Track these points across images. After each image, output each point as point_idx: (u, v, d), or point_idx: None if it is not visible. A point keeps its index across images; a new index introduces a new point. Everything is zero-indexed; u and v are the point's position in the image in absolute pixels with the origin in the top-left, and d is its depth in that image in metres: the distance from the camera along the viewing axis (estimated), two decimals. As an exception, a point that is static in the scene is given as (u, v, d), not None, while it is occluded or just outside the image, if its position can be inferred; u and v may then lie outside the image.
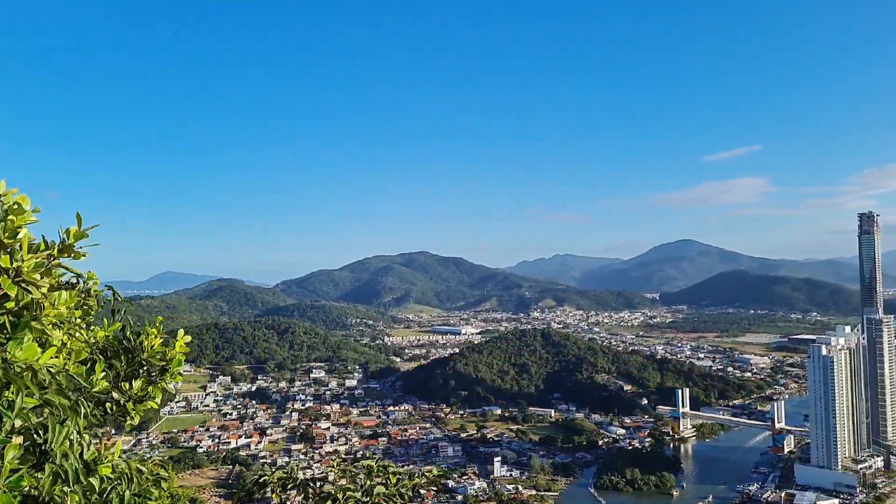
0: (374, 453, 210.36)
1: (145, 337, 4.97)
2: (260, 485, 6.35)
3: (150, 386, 5.04)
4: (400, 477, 6.30)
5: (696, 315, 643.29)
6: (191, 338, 5.21)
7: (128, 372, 4.90)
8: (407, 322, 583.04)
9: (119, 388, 4.83)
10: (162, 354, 5.01)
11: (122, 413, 4.77)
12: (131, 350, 4.88)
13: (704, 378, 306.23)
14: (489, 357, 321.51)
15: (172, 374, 5.14)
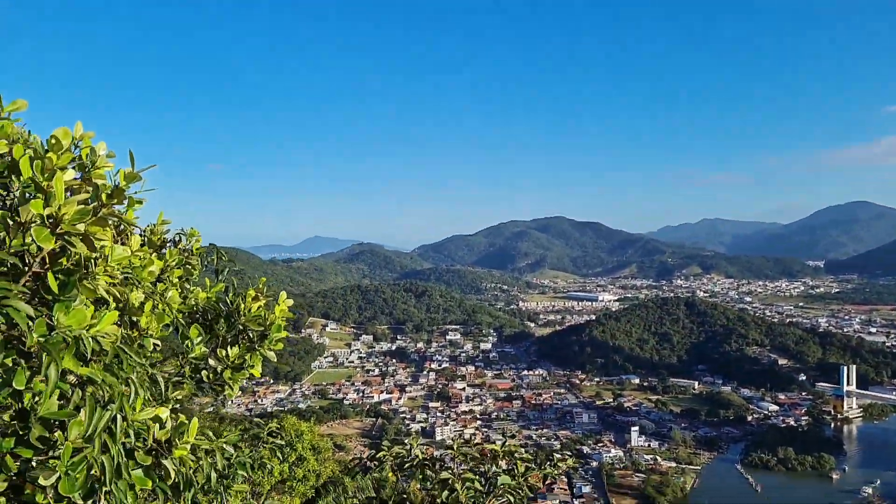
0: (508, 415, 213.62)
1: (242, 300, 4.51)
2: (377, 461, 5.88)
3: (249, 353, 4.60)
4: (529, 466, 5.54)
5: (868, 285, 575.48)
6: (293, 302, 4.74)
7: (228, 338, 4.51)
8: (542, 288, 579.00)
9: (216, 354, 4.46)
10: (261, 319, 4.54)
11: (219, 382, 4.37)
12: (230, 314, 4.45)
13: (876, 355, 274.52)
14: (627, 325, 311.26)
15: (272, 340, 4.66)
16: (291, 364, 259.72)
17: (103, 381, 2.68)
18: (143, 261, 3.58)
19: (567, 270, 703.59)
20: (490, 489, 5.14)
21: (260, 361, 4.56)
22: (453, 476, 5.22)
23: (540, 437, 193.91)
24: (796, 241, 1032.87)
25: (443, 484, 5.17)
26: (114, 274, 3.08)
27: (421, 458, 5.71)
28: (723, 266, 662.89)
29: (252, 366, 4.51)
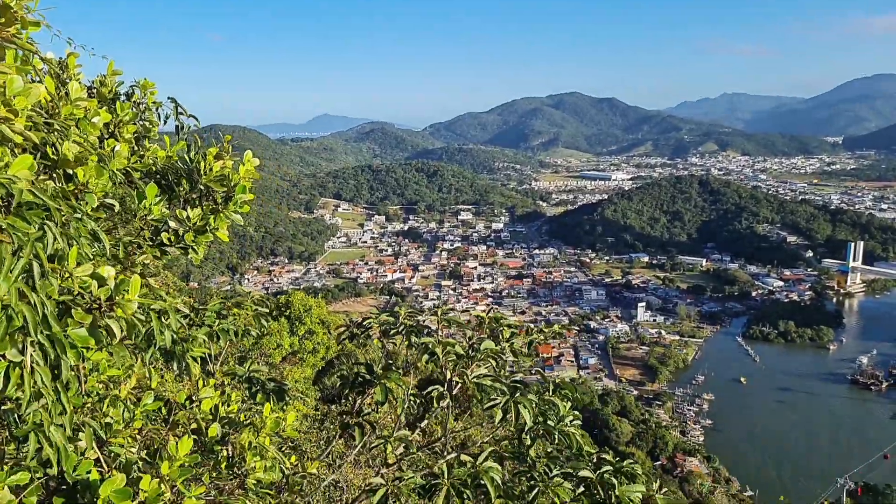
0: (519, 293, 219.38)
1: (201, 158, 4.20)
2: (363, 328, 5.81)
3: (213, 215, 4.33)
4: (514, 331, 5.44)
5: (884, 161, 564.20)
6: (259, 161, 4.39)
7: (190, 199, 4.21)
8: (555, 167, 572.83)
9: (176, 216, 4.23)
10: (224, 179, 4.25)
11: (182, 246, 4.16)
12: (191, 173, 4.17)
13: (884, 231, 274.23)
14: (639, 204, 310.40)
15: (237, 202, 4.34)
16: (305, 244, 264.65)
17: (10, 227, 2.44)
18: (88, 112, 3.33)
19: (581, 149, 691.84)
20: (472, 354, 5.06)
21: (226, 224, 4.27)
22: (433, 341, 5.14)
23: (549, 314, 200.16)
24: (816, 116, 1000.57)
25: (423, 348, 5.10)
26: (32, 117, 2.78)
27: (408, 325, 5.63)
28: (739, 143, 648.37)
29: (217, 228, 4.22)
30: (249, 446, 4.50)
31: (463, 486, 4.31)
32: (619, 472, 4.37)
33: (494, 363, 5.08)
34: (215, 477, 4.48)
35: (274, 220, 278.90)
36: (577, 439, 4.81)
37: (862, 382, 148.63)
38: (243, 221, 4.30)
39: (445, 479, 4.36)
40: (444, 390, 5.10)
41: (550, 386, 4.97)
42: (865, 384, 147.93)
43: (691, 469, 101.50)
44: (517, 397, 4.67)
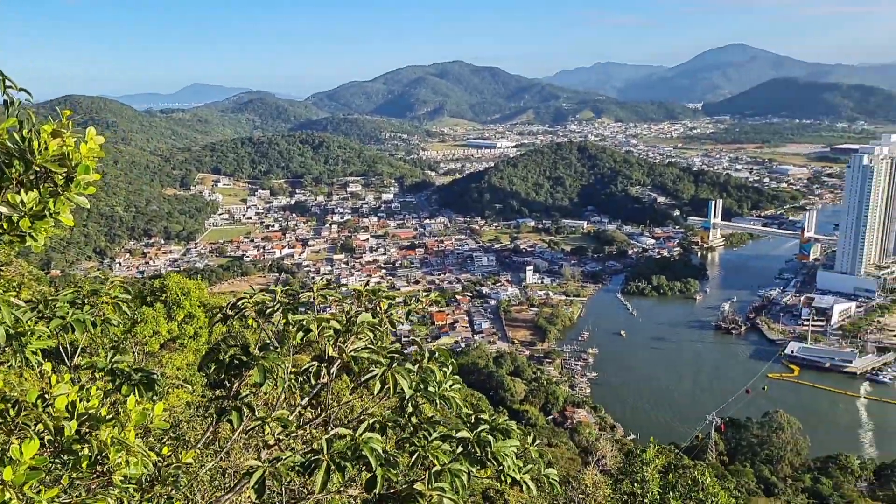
0: (412, 262, 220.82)
1: (34, 136, 3.90)
2: (237, 308, 5.59)
3: (52, 199, 3.98)
4: (392, 303, 5.45)
5: (738, 126, 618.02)
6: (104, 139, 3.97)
7: (25, 181, 3.92)
8: (441, 136, 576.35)
9: (8, 201, 3.86)
10: (63, 159, 3.94)
11: (17, 233, 3.93)
12: (23, 153, 3.94)
13: (739, 189, 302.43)
14: (524, 171, 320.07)
15: (80, 184, 4.01)
16: (183, 223, 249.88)
17: None
18: None
19: (466, 118, 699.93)
20: (350, 327, 5.03)
21: (68, 209, 3.98)
22: (308, 318, 5.05)
23: (442, 282, 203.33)
24: (679, 83, 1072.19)
25: (298, 325, 5.01)
26: None
27: (284, 304, 5.48)
28: (613, 110, 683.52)
29: (58, 213, 3.98)
30: (112, 442, 4.24)
31: (343, 460, 4.32)
32: (496, 430, 4.55)
33: (372, 335, 5.07)
34: (76, 477, 4.26)
35: (146, 198, 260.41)
36: (457, 402, 4.94)
37: (724, 328, 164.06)
38: (88, 204, 4.06)
39: (325, 454, 4.34)
40: (323, 366, 5.04)
41: (426, 354, 5.05)
42: (727, 329, 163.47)
43: (580, 420, 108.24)
44: (395, 367, 4.71)
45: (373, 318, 5.12)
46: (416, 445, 4.52)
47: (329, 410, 5.66)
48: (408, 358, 4.87)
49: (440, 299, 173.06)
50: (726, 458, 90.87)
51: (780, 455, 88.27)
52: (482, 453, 4.40)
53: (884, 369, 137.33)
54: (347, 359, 4.86)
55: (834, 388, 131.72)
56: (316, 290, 5.38)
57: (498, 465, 4.48)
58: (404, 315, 5.71)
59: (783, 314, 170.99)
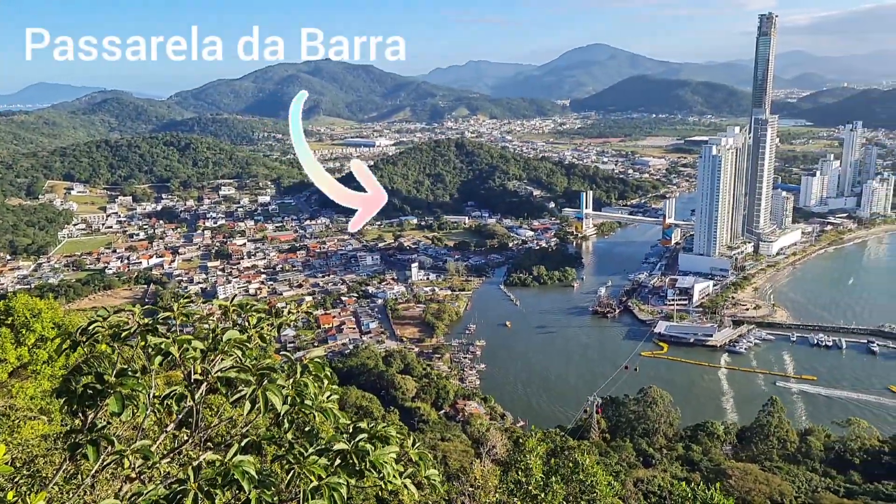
0: (294, 266, 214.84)
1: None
2: (87, 333, 5.10)
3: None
4: (261, 317, 5.21)
5: (602, 121, 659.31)
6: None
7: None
8: (318, 135, 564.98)
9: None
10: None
11: None
12: None
13: (607, 181, 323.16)
14: (404, 168, 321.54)
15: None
16: (32, 235, 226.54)
17: None
18: None
19: (343, 116, 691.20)
20: (216, 346, 4.75)
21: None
22: (168, 340, 4.71)
23: (327, 284, 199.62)
24: (547, 81, 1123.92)
25: (156, 349, 4.66)
26: None
27: (141, 325, 5.07)
28: (487, 107, 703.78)
29: None
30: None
31: (213, 487, 4.15)
32: (374, 438, 4.49)
33: (241, 353, 4.82)
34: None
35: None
36: (335, 413, 4.81)
37: (601, 312, 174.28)
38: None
39: (192, 482, 4.17)
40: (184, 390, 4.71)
41: (298, 368, 4.87)
42: (603, 313, 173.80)
43: (471, 412, 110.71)
44: (266, 385, 4.51)
45: (241, 335, 4.86)
46: (290, 463, 4.35)
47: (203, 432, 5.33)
48: (279, 372, 4.68)
49: (310, 309, 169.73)
50: (608, 436, 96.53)
51: (655, 428, 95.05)
52: (360, 463, 4.31)
53: (739, 341, 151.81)
54: (213, 380, 4.58)
55: (698, 361, 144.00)
56: (177, 309, 5.03)
57: (378, 473, 4.42)
58: (276, 329, 5.47)
59: (651, 296, 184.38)
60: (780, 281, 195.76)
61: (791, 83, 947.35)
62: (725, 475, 71.09)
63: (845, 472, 79.96)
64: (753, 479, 70.34)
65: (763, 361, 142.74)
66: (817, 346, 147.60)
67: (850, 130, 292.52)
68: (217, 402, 7.34)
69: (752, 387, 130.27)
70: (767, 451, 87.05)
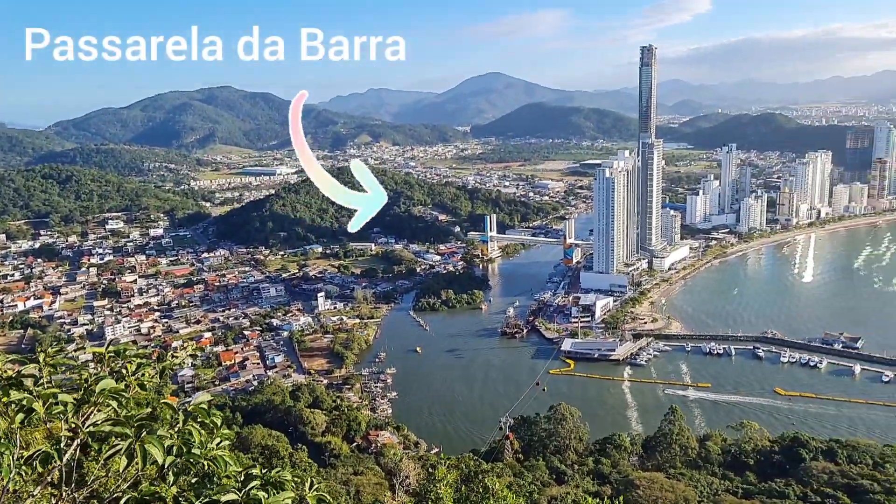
0: (191, 301, 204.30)
1: None
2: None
3: None
4: (142, 362, 4.64)
5: (503, 146, 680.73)
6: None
7: None
8: (215, 164, 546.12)
9: None
10: None
11: None
12: None
13: (509, 204, 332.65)
14: (307, 196, 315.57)
15: None
16: None
17: None
18: None
19: (240, 145, 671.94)
20: (89, 398, 4.22)
21: None
22: (29, 396, 4.25)
23: (227, 318, 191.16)
24: (448, 108, 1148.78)
25: (18, 406, 4.23)
26: None
27: (3, 378, 4.46)
28: (390, 134, 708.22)
29: None
30: None
31: None
32: (268, 484, 4.25)
33: (117, 403, 4.23)
34: None
35: None
36: (226, 461, 4.32)
37: (509, 333, 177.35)
38: None
39: None
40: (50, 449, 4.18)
41: (181, 417, 4.34)
42: (512, 334, 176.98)
43: (384, 442, 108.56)
44: (144, 437, 4.13)
45: (117, 384, 4.29)
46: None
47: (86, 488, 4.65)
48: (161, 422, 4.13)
49: (196, 351, 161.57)
50: (521, 455, 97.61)
51: (566, 444, 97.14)
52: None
53: (640, 354, 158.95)
54: (84, 436, 4.09)
55: (603, 375, 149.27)
56: (43, 360, 4.37)
57: (274, 522, 4.18)
58: (158, 374, 4.90)
59: (556, 314, 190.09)
60: (673, 294, 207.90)
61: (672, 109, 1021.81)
62: (634, 486, 73.66)
63: (742, 474, 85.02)
64: (659, 487, 73.27)
65: (662, 372, 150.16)
66: (709, 354, 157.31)
67: (727, 152, 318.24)
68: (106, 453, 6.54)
69: (654, 397, 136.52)
70: (671, 458, 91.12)
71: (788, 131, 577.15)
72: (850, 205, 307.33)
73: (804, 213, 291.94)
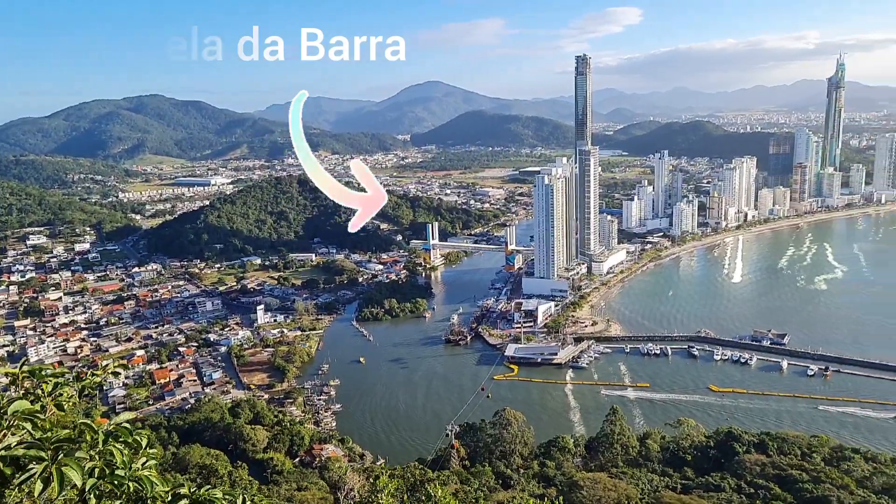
0: (121, 318, 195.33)
1: None
2: None
3: None
4: (59, 382, 4.23)
5: (443, 154, 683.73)
6: None
7: None
8: (145, 175, 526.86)
9: None
10: None
11: None
12: None
13: (451, 212, 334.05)
14: (244, 207, 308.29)
15: None
16: None
17: None
18: None
19: (172, 155, 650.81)
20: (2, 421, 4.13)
21: None
22: None
23: (161, 335, 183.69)
24: (388, 117, 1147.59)
25: None
26: None
27: None
28: (329, 143, 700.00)
29: None
30: None
31: None
32: (198, 503, 4.21)
33: (31, 426, 4.09)
34: None
35: None
36: (152, 481, 4.23)
37: (453, 340, 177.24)
38: None
39: None
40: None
41: (101, 437, 4.13)
42: (456, 341, 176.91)
43: (329, 455, 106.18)
44: (61, 460, 4.02)
45: (32, 405, 4.10)
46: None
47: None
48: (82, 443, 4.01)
49: (118, 369, 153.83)
50: (468, 462, 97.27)
51: (511, 449, 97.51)
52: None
53: (581, 356, 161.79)
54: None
55: (546, 379, 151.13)
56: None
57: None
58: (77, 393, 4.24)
59: (500, 320, 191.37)
60: (612, 297, 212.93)
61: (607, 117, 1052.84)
62: (578, 487, 74.40)
63: (680, 469, 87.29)
64: (603, 486, 74.26)
65: (603, 374, 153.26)
66: (647, 354, 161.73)
67: (659, 159, 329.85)
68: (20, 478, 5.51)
69: (596, 399, 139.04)
70: (613, 458, 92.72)
71: (716, 138, 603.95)
72: (774, 208, 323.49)
73: (732, 217, 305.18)
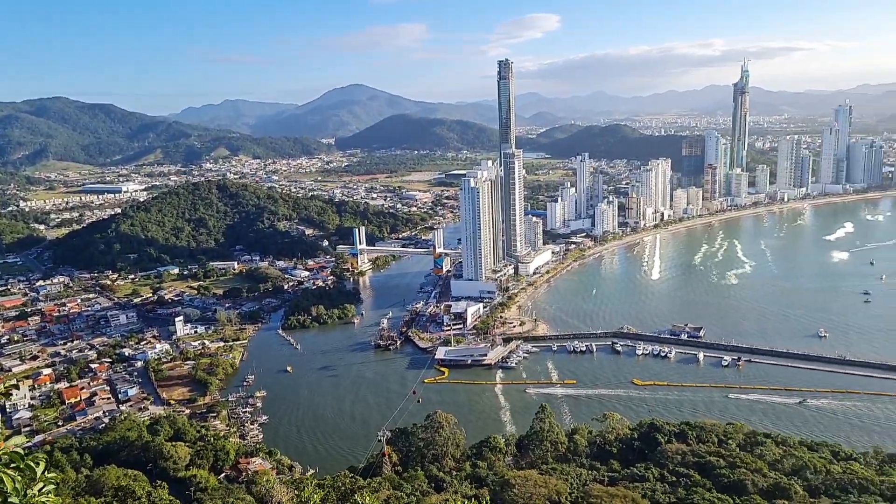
0: (25, 335, 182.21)
1: None
2: None
3: None
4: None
5: (368, 158, 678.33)
6: None
7: None
8: (49, 182, 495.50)
9: None
10: None
11: None
12: None
13: (378, 216, 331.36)
14: (159, 215, 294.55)
15: None
16: None
17: None
18: None
19: (79, 160, 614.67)
20: None
21: None
22: None
23: (70, 351, 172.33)
24: (311, 121, 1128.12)
25: None
26: None
27: None
28: (249, 147, 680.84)
29: None
30: None
31: None
32: None
33: None
34: None
35: None
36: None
37: (383, 345, 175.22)
38: None
39: None
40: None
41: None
42: (386, 346, 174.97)
43: (256, 469, 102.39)
44: None
45: None
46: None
47: None
48: None
49: (10, 389, 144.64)
50: (400, 467, 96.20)
51: (443, 451, 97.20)
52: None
53: (510, 356, 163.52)
54: None
55: (476, 380, 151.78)
56: None
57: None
58: None
59: (429, 323, 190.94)
60: (538, 297, 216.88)
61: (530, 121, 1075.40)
62: (510, 485, 74.86)
63: (607, 462, 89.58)
64: (534, 483, 75.05)
65: (531, 373, 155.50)
66: (574, 352, 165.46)
67: (581, 161, 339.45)
68: None
69: (525, 397, 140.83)
70: (543, 454, 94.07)
71: (633, 141, 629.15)
72: (688, 207, 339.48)
73: (650, 216, 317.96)
